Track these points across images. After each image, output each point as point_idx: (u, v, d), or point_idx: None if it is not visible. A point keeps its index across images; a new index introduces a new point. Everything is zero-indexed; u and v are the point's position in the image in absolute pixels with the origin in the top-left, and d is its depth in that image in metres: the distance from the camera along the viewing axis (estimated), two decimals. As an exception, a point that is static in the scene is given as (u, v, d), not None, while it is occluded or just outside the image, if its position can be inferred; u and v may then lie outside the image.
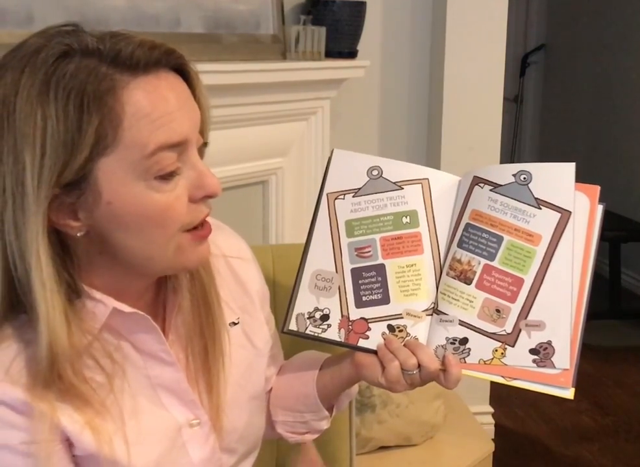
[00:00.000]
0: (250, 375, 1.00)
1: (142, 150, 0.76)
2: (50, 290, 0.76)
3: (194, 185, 0.81)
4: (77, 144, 0.73)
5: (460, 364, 0.94)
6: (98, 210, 0.77)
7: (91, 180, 0.76)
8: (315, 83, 2.01)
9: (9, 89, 0.73)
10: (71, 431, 0.81)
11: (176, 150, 0.78)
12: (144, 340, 0.87)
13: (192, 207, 0.81)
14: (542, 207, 0.94)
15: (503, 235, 0.94)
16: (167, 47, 0.79)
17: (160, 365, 0.89)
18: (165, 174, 0.78)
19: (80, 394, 0.81)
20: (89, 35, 0.77)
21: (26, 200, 0.73)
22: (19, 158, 0.73)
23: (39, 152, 0.72)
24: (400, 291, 0.97)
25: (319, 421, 1.08)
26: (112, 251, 0.81)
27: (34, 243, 0.74)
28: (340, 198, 1.00)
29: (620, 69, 4.21)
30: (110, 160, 0.75)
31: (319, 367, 1.07)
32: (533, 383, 0.93)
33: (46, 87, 0.72)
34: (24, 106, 0.72)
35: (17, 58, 0.75)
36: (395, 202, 0.99)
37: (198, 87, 0.83)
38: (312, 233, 1.00)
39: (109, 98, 0.74)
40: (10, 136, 0.73)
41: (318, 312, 0.99)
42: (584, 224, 0.94)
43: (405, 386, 0.95)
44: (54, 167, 0.73)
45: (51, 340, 0.76)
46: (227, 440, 0.95)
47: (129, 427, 0.85)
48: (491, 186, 0.96)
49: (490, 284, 0.94)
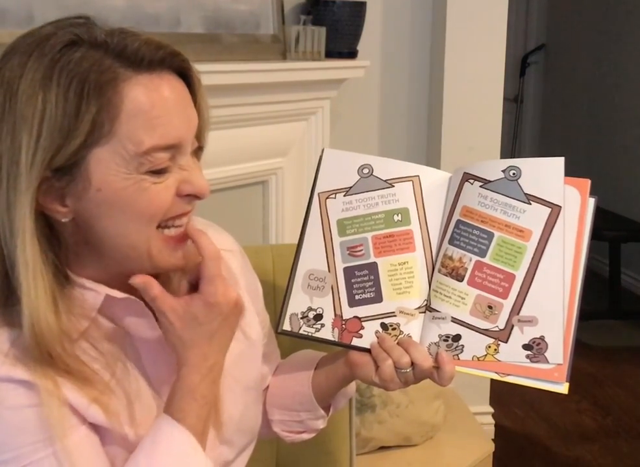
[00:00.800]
0: (244, 366, 1.00)
1: (136, 147, 0.77)
2: (34, 269, 0.77)
3: (184, 181, 0.82)
4: (73, 129, 0.74)
5: (453, 361, 0.94)
6: (87, 197, 0.78)
7: (82, 168, 0.77)
8: (315, 83, 2.01)
9: (15, 71, 0.76)
10: (79, 404, 0.81)
11: (170, 151, 0.80)
12: (138, 326, 0.88)
13: (176, 200, 0.82)
14: (532, 202, 0.94)
15: (494, 231, 0.94)
16: (172, 49, 0.80)
17: (154, 353, 0.89)
18: (156, 170, 0.79)
19: (80, 375, 0.81)
20: (99, 29, 0.79)
21: (19, 179, 0.75)
22: (17, 138, 0.75)
23: (35, 133, 0.74)
24: (392, 289, 0.97)
25: (315, 420, 1.08)
26: (97, 241, 0.82)
27: (21, 222, 0.76)
28: (331, 197, 1.00)
29: (620, 68, 4.21)
30: (104, 151, 0.77)
31: (314, 366, 1.07)
32: (527, 378, 0.93)
33: (50, 72, 0.74)
34: (27, 89, 0.74)
35: (26, 42, 0.77)
36: (386, 199, 0.99)
37: (199, 92, 0.84)
38: (304, 233, 1.00)
39: (109, 89, 0.75)
40: (11, 117, 0.75)
41: (311, 312, 0.99)
42: (575, 218, 0.94)
43: (399, 385, 0.96)
44: (48, 149, 0.75)
45: (33, 319, 0.77)
46: (224, 431, 0.95)
47: (135, 407, 0.86)
48: (480, 182, 0.96)
49: (482, 280, 0.94)
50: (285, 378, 1.10)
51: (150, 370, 0.90)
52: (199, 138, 0.85)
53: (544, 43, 4.98)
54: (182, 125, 0.80)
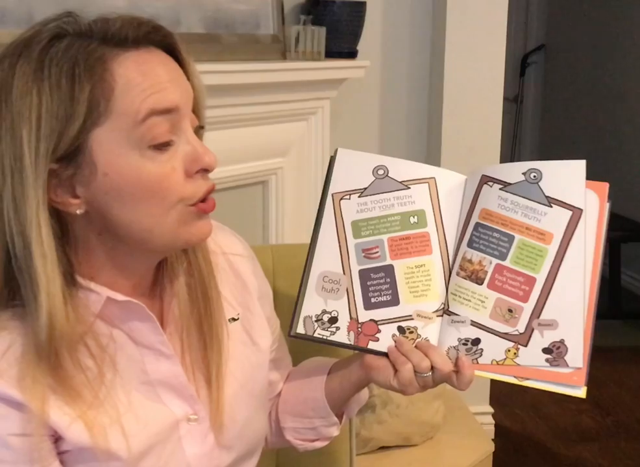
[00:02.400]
0: (251, 371, 0.99)
1: (134, 117, 0.78)
2: (52, 262, 0.77)
3: (189, 159, 0.82)
4: (70, 113, 0.76)
5: (473, 365, 0.93)
6: (95, 183, 0.79)
7: (86, 152, 0.78)
8: (315, 83, 2.01)
9: (6, 72, 0.77)
10: (60, 424, 0.80)
11: (167, 118, 0.80)
12: (140, 331, 0.87)
13: (190, 181, 0.82)
14: (553, 205, 0.93)
15: (514, 234, 0.94)
16: (154, 24, 0.81)
17: (157, 358, 0.88)
18: (158, 144, 0.79)
19: (74, 385, 0.81)
20: (82, 19, 0.80)
21: (25, 173, 0.75)
22: (16, 135, 0.75)
23: (34, 125, 0.75)
24: (409, 292, 0.96)
25: (329, 427, 1.07)
26: (111, 229, 0.82)
27: (34, 216, 0.76)
28: (346, 198, 0.99)
29: (620, 69, 4.21)
30: (104, 130, 0.77)
31: (327, 372, 1.06)
32: (546, 382, 0.93)
33: (40, 65, 0.76)
34: (21, 86, 0.76)
35: (14, 45, 0.79)
36: (402, 201, 0.98)
37: (189, 66, 0.85)
38: (317, 234, 0.99)
39: (99, 67, 0.77)
40: (8, 115, 0.76)
41: (326, 315, 0.98)
42: (594, 222, 0.93)
43: (417, 389, 0.95)
44: (50, 139, 0.75)
45: (51, 312, 0.77)
46: (225, 435, 0.94)
47: (126, 418, 0.84)
48: (500, 185, 0.95)
49: (502, 284, 0.94)
50: (298, 384, 1.09)
51: (152, 374, 0.88)
52: (198, 116, 0.85)
53: (544, 43, 4.99)
54: (176, 90, 0.81)
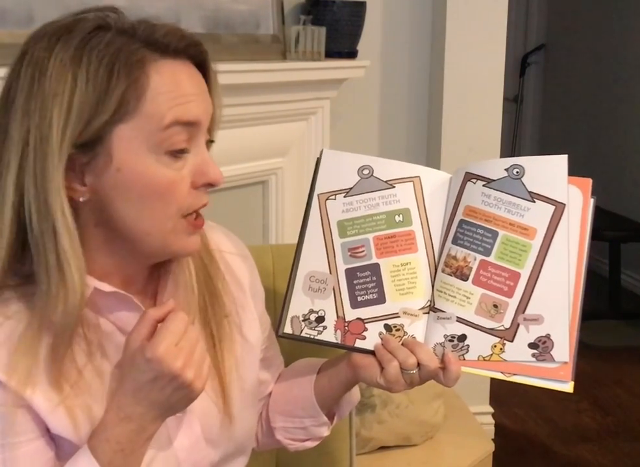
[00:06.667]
0: (242, 368, 0.99)
1: (158, 122, 0.80)
2: (76, 239, 0.80)
3: (198, 172, 0.85)
4: (101, 104, 0.77)
5: (459, 361, 0.94)
6: (107, 175, 0.81)
7: (106, 144, 0.79)
8: (315, 83, 2.01)
9: (43, 52, 0.78)
10: (44, 409, 0.81)
11: (188, 129, 0.82)
12: (128, 320, 0.87)
13: (193, 193, 0.85)
14: (536, 200, 0.94)
15: (498, 229, 0.94)
16: (196, 39, 0.85)
17: None
18: (175, 151, 0.82)
19: (64, 369, 0.82)
20: (125, 17, 0.83)
21: (50, 153, 0.77)
22: (47, 115, 0.77)
23: (65, 108, 0.77)
24: (395, 290, 0.97)
25: (319, 427, 1.07)
26: (110, 224, 0.83)
27: (57, 196, 0.78)
28: (331, 198, 1.00)
29: (620, 69, 4.21)
30: (128, 128, 0.79)
31: (316, 371, 1.06)
32: (533, 377, 0.93)
33: (80, 52, 0.78)
34: (57, 67, 0.77)
35: (54, 26, 0.81)
36: (387, 200, 0.98)
37: (214, 85, 0.88)
38: (304, 235, 0.99)
39: (137, 69, 0.79)
40: (39, 95, 0.77)
41: (313, 314, 0.98)
42: (578, 217, 0.94)
43: (404, 386, 0.95)
44: (77, 124, 0.77)
45: (80, 291, 0.79)
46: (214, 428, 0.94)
47: (95, 408, 0.84)
48: (483, 181, 0.96)
49: (487, 279, 0.94)
50: (288, 384, 1.10)
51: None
52: (210, 131, 0.88)
53: (544, 43, 4.98)
54: (201, 107, 0.84)
